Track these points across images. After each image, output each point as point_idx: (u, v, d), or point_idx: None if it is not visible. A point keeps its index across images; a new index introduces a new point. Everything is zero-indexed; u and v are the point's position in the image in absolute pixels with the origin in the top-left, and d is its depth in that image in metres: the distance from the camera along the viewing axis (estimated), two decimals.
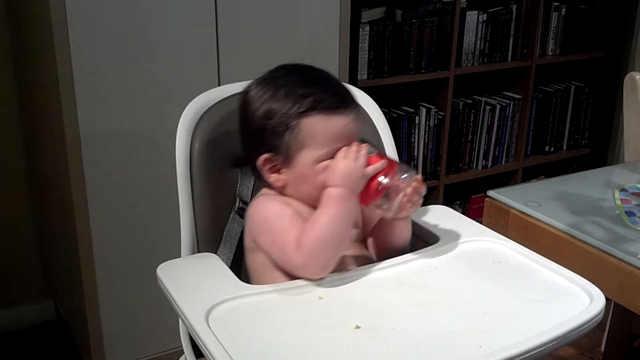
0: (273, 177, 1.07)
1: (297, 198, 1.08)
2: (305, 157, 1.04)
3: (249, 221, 1.09)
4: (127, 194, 1.74)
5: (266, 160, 1.06)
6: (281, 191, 1.09)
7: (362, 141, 1.06)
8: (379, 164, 1.03)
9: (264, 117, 1.04)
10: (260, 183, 1.16)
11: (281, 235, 1.01)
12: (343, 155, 1.02)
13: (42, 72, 1.75)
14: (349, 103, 1.06)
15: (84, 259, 1.73)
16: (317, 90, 1.03)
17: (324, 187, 1.02)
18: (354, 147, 1.02)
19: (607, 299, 0.96)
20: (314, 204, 1.05)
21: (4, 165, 2.08)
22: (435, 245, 1.11)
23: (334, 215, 0.99)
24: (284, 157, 1.05)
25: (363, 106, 1.30)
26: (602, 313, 0.93)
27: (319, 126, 1.02)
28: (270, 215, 1.05)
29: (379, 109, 1.31)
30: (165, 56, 1.70)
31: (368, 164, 1.02)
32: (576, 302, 0.95)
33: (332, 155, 1.03)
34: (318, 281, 0.98)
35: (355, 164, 1.00)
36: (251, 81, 1.09)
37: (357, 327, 0.89)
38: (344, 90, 1.08)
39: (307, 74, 1.07)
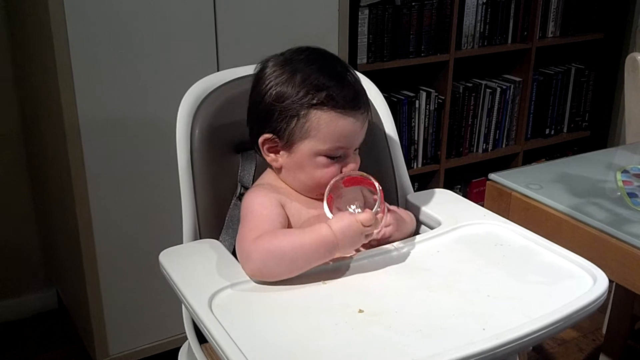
0: (270, 157, 1.09)
1: (291, 185, 1.09)
2: (306, 147, 1.04)
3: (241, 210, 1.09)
4: (128, 181, 1.74)
5: (267, 140, 1.07)
6: (279, 175, 1.10)
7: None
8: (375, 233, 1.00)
9: (276, 99, 1.04)
10: (262, 169, 1.16)
11: (249, 223, 1.01)
12: (365, 216, 0.97)
13: (40, 60, 1.74)
14: (361, 105, 1.05)
15: (85, 247, 1.73)
16: (334, 84, 1.02)
17: (317, 181, 1.04)
18: (375, 217, 0.98)
19: (609, 280, 0.96)
20: (306, 192, 1.08)
21: (4, 154, 2.08)
22: (437, 229, 1.11)
23: (307, 247, 0.95)
24: (286, 142, 1.05)
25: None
26: (606, 294, 0.93)
27: (327, 122, 1.02)
28: (254, 202, 1.05)
29: (380, 93, 1.31)
30: (164, 42, 1.69)
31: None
32: (579, 284, 0.95)
33: (332, 153, 1.04)
34: (321, 266, 0.98)
35: (362, 228, 0.96)
36: (269, 57, 1.08)
37: (361, 311, 0.89)
38: (359, 90, 1.06)
39: (326, 64, 1.06)
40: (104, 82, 1.64)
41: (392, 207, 1.13)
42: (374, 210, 0.98)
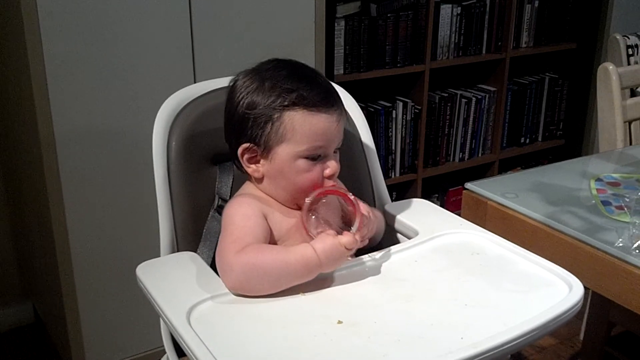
0: (251, 168, 1.08)
1: (274, 195, 1.08)
2: (284, 152, 1.04)
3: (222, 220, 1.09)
4: (105, 193, 1.73)
5: (245, 150, 1.07)
6: (259, 185, 1.09)
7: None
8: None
9: (248, 107, 1.04)
10: (239, 180, 1.15)
11: (231, 235, 1.01)
12: (348, 239, 0.98)
13: (15, 70, 1.73)
14: (333, 103, 1.06)
15: (61, 261, 1.71)
16: (303, 86, 1.03)
17: (300, 187, 1.04)
18: (356, 237, 0.99)
19: (585, 288, 0.97)
20: (289, 202, 1.07)
21: None
22: (415, 238, 1.12)
23: (291, 266, 0.95)
24: (264, 149, 1.05)
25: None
26: (581, 302, 0.94)
27: (301, 121, 1.02)
28: (237, 213, 1.04)
29: (357, 104, 1.31)
30: (140, 54, 1.68)
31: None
32: (555, 292, 0.96)
33: (311, 154, 1.04)
34: None
35: (344, 251, 0.97)
36: (240, 71, 1.09)
37: (339, 322, 0.89)
38: (330, 89, 1.08)
39: (295, 70, 1.07)
40: (80, 93, 1.63)
41: (362, 205, 1.10)
42: (352, 229, 0.99)
